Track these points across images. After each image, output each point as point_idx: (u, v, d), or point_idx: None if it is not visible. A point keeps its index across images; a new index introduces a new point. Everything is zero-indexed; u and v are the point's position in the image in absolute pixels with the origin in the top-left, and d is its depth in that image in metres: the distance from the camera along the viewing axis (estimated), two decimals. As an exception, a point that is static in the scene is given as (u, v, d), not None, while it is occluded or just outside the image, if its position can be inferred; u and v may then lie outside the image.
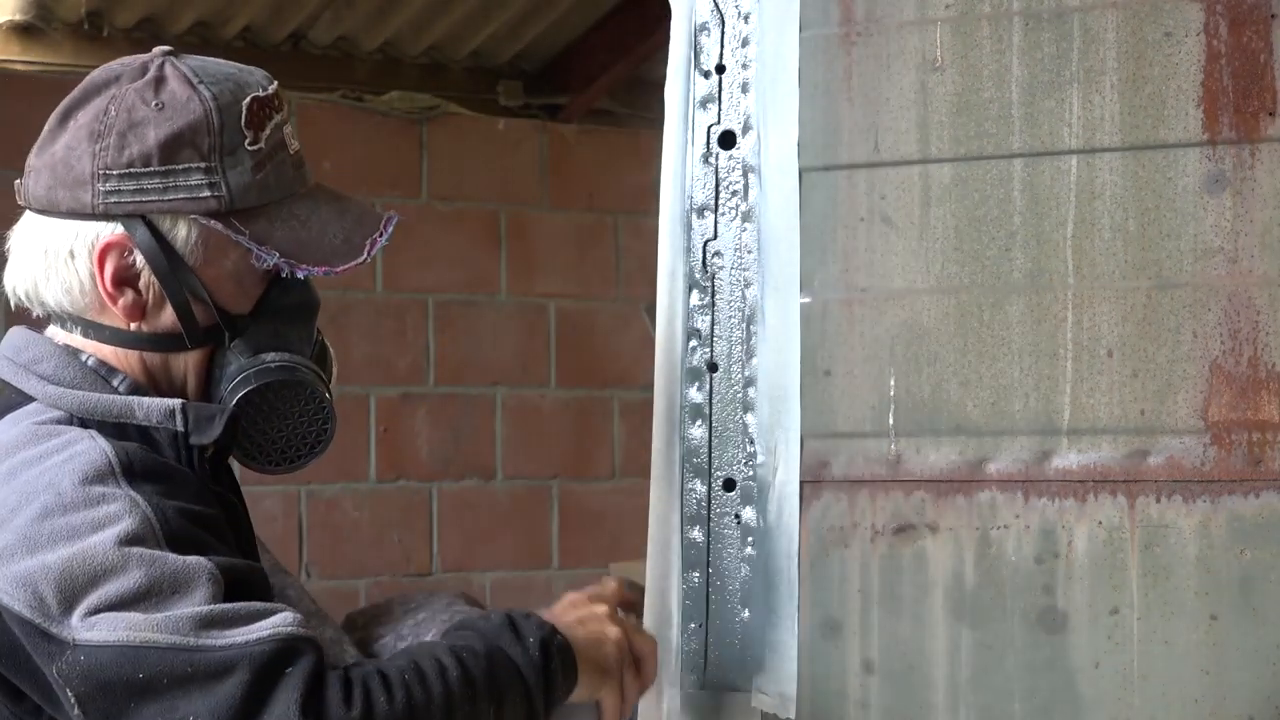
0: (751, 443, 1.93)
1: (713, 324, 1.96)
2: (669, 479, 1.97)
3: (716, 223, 1.96)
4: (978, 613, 1.83)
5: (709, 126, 1.97)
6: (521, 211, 5.93)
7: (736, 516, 1.94)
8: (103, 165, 1.73)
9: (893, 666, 1.87)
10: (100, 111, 1.75)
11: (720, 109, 1.97)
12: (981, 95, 1.85)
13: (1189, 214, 1.78)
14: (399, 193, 5.62)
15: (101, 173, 1.73)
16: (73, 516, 1.59)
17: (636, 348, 5.73)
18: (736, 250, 1.95)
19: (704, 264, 1.96)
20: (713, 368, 1.96)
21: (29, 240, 1.79)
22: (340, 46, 5.66)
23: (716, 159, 1.96)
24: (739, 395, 1.94)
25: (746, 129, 1.95)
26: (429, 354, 5.79)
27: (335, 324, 5.12)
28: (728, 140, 1.96)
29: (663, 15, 2.00)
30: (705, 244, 1.97)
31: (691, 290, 1.97)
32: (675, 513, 1.96)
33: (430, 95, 5.78)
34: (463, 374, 5.84)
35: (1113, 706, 1.79)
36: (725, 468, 1.95)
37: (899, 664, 1.86)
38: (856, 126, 1.89)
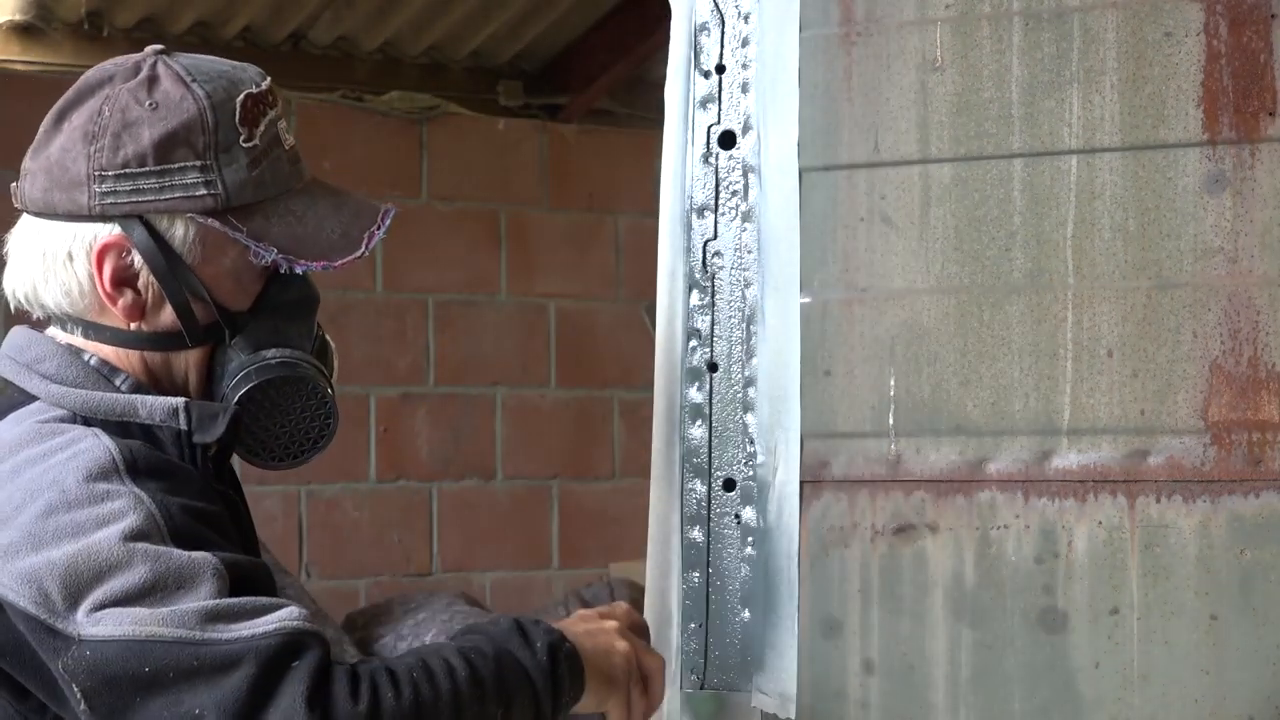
0: (751, 443, 1.93)
1: (713, 324, 1.96)
2: (669, 479, 1.97)
3: (716, 223, 1.96)
4: (978, 613, 1.83)
5: (709, 126, 1.97)
6: (521, 211, 5.93)
7: (736, 516, 1.94)
8: (98, 166, 1.73)
9: (893, 666, 1.87)
10: (94, 113, 1.74)
11: (720, 109, 1.97)
12: (981, 95, 1.85)
13: (1189, 214, 1.78)
14: (399, 193, 5.62)
15: (97, 174, 1.73)
16: (77, 513, 1.59)
17: (636, 348, 5.73)
18: (736, 250, 1.95)
19: (704, 264, 1.96)
20: (713, 368, 1.96)
21: (27, 243, 1.79)
22: (340, 46, 5.66)
23: (716, 159, 1.96)
24: (739, 395, 1.94)
25: (746, 129, 1.95)
26: (429, 354, 5.79)
27: (335, 324, 5.11)
28: (728, 140, 1.96)
29: (663, 15, 2.00)
30: (705, 244, 1.96)
31: (691, 290, 1.97)
32: (675, 513, 1.96)
33: (430, 95, 5.78)
34: (463, 374, 5.84)
35: (1113, 706, 1.79)
36: (725, 468, 1.95)
37: (899, 664, 1.86)
38: (856, 126, 1.89)
